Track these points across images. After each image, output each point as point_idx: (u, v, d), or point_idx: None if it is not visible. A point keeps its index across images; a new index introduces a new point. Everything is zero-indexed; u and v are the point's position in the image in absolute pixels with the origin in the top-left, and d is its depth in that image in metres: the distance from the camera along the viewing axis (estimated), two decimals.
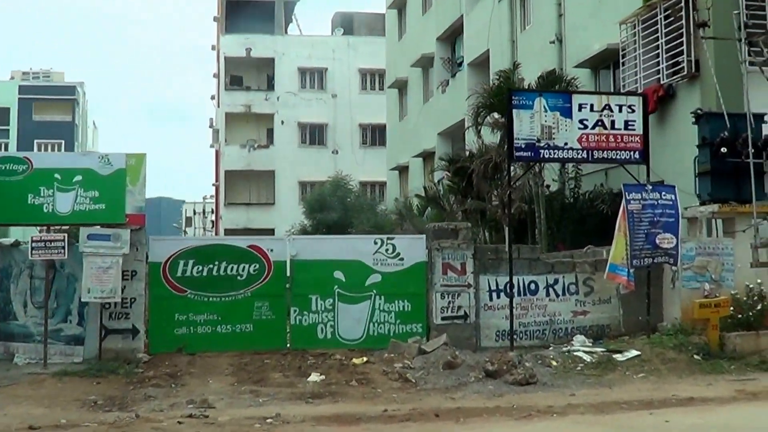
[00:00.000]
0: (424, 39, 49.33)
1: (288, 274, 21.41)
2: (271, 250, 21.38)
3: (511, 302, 21.17)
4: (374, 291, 21.45)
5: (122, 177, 20.62)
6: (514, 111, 21.11)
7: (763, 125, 22.19)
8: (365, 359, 19.77)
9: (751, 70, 21.11)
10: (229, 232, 65.45)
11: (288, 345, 21.19)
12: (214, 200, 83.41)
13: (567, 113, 21.37)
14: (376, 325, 21.48)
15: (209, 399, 16.29)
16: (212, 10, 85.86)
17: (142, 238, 20.75)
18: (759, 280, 21.04)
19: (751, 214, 21.65)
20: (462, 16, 44.25)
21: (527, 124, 21.12)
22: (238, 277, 21.13)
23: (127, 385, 17.79)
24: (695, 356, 19.67)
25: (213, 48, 78.09)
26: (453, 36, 46.75)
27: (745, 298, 20.83)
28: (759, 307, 20.61)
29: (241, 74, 72.77)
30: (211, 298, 21.03)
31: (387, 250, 21.57)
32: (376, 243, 21.71)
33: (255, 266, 21.19)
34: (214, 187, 78.69)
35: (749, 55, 20.89)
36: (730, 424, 14.39)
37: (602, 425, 14.50)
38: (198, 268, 21.05)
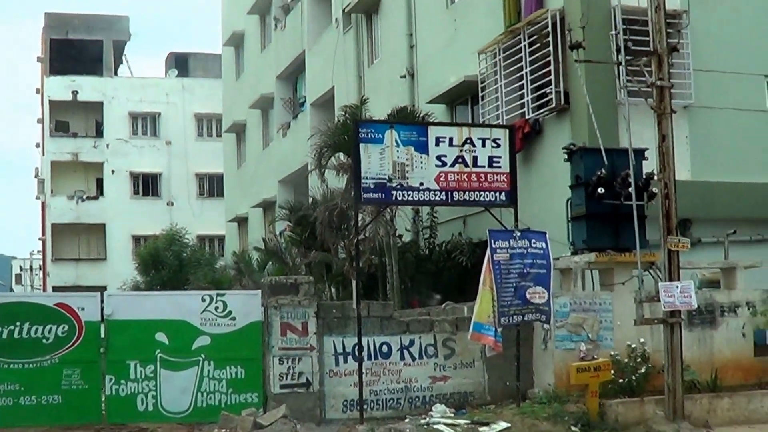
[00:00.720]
0: (264, 78, 48.23)
1: (102, 336, 19.50)
2: (82, 309, 19.36)
3: (360, 367, 19.32)
4: (202, 355, 19.53)
5: None
6: (362, 146, 19.12)
7: (644, 162, 20.40)
8: None
9: (632, 101, 19.41)
10: (57, 289, 62.67)
11: (104, 419, 19.23)
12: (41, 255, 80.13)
13: (423, 148, 19.45)
14: (204, 395, 19.50)
15: None
16: (36, 49, 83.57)
17: None
18: (642, 339, 19.59)
19: (631, 264, 20.14)
20: (304, 51, 43.12)
21: (377, 161, 19.16)
22: (44, 341, 19.08)
23: None
24: (573, 428, 17.99)
25: (37, 91, 75.30)
26: (294, 74, 45.70)
27: (626, 360, 19.35)
28: (642, 370, 19.19)
29: (67, 119, 71.01)
30: (12, 365, 18.89)
31: (217, 308, 19.64)
32: (204, 300, 19.76)
33: (64, 327, 19.18)
34: (41, 242, 76.59)
35: (628, 82, 19.12)
36: None
37: None
38: None
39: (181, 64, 73.31)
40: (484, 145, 19.86)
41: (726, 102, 24.75)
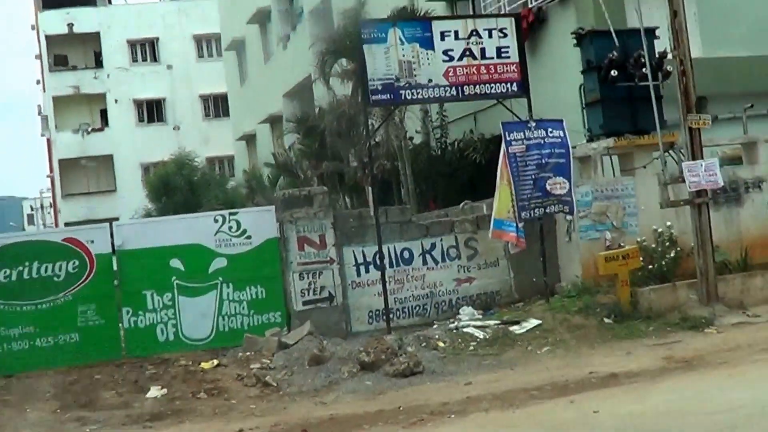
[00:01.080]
0: None
1: (115, 268, 19.01)
2: (92, 242, 18.82)
3: (383, 276, 18.87)
4: (220, 278, 19.09)
5: None
6: (366, 47, 18.48)
7: (655, 42, 19.62)
8: (216, 362, 17.54)
9: None
10: (70, 225, 61.69)
11: (124, 353, 18.77)
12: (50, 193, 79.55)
13: (428, 44, 18.82)
14: (226, 318, 19.13)
15: None
16: None
17: None
18: (668, 223, 19.00)
19: (650, 146, 19.58)
20: None
21: (382, 62, 18.53)
22: (55, 278, 18.59)
23: None
24: (606, 320, 17.51)
25: (33, 28, 74.10)
26: None
27: (654, 245, 18.78)
28: (672, 254, 18.68)
29: (65, 53, 69.74)
30: (24, 307, 18.46)
31: (231, 228, 19.17)
32: (216, 221, 19.27)
33: (74, 263, 18.66)
34: (49, 179, 75.71)
35: None
36: (676, 408, 11.64)
37: (516, 427, 11.70)
38: (5, 272, 18.46)
39: None
40: (490, 36, 19.21)
41: None
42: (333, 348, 17.00)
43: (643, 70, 18.92)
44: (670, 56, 18.75)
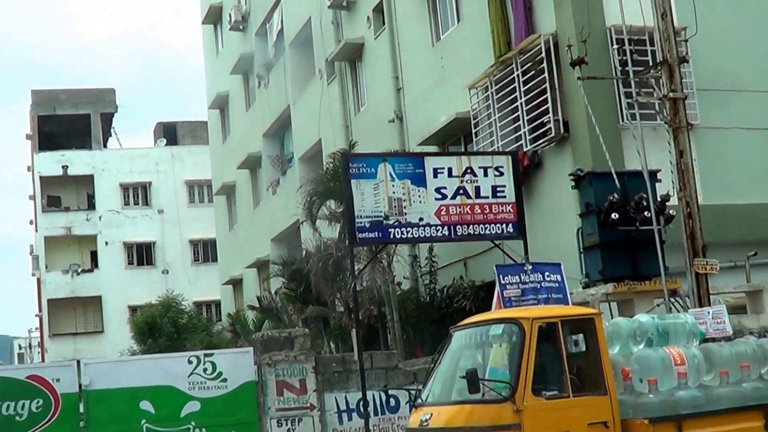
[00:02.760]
0: (250, 137, 46.62)
1: (82, 409, 17.81)
2: (58, 380, 17.85)
3: (366, 424, 17.54)
4: (193, 423, 17.99)
5: None
6: (353, 182, 17.34)
7: (658, 184, 18.40)
8: None
9: (636, 124, 17.57)
10: None
11: None
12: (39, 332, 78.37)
13: (420, 181, 17.71)
14: None
15: None
16: (24, 127, 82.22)
17: None
18: None
19: (651, 293, 18.29)
20: (288, 106, 41.42)
21: (371, 198, 17.39)
22: (17, 418, 17.64)
23: None
24: None
25: (28, 169, 73.70)
26: (281, 130, 43.99)
27: None
28: None
29: (59, 194, 69.54)
30: None
31: (205, 369, 18.04)
32: (190, 362, 18.23)
33: (38, 402, 17.69)
34: (38, 318, 74.34)
35: (638, 95, 17.21)
36: None
37: None
38: None
39: (169, 133, 71.97)
40: (486, 175, 18.13)
41: (732, 121, 22.86)
42: None
43: (645, 213, 17.67)
44: (672, 200, 17.62)
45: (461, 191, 17.87)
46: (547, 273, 17.45)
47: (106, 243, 67.46)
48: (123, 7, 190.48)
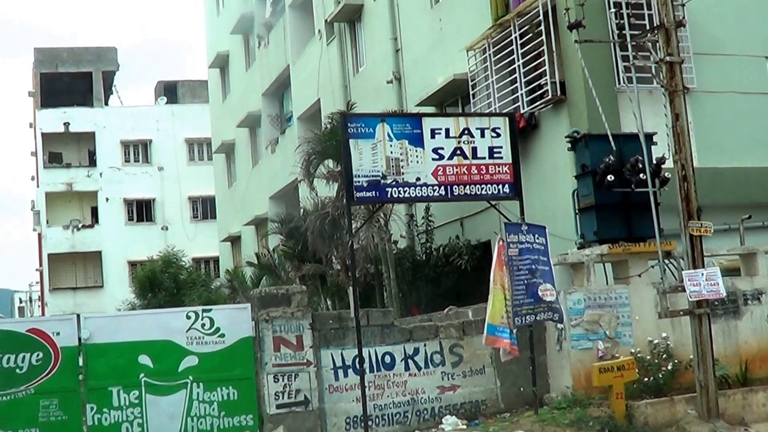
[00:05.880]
0: (250, 96, 46.25)
1: (81, 362, 17.31)
2: (57, 334, 17.18)
3: (362, 380, 17.09)
4: (190, 377, 17.35)
5: None
6: (352, 141, 16.95)
7: (653, 147, 18.20)
8: None
9: (632, 87, 17.37)
10: None
11: None
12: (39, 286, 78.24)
13: (418, 141, 17.29)
14: (195, 419, 17.25)
15: None
16: (27, 84, 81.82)
17: None
18: (664, 334, 17.43)
19: (646, 254, 18.09)
20: (288, 66, 41.00)
21: (369, 157, 17.01)
22: (18, 370, 16.93)
23: None
24: None
25: (30, 125, 73.42)
26: (280, 90, 43.58)
27: (649, 357, 17.23)
28: (669, 367, 17.08)
29: (60, 151, 69.42)
30: None
31: (203, 325, 17.44)
32: (189, 317, 17.55)
33: (38, 355, 17.02)
34: (38, 273, 74.29)
35: (635, 59, 16.98)
36: None
37: None
38: None
39: (170, 91, 71.58)
40: (483, 136, 17.70)
41: (727, 85, 22.75)
42: None
43: (641, 175, 17.49)
44: (667, 163, 17.48)
45: (458, 152, 17.46)
46: (536, 235, 17.24)
47: (107, 199, 67.43)
48: None
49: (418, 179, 17.31)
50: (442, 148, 17.45)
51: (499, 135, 17.78)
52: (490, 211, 19.37)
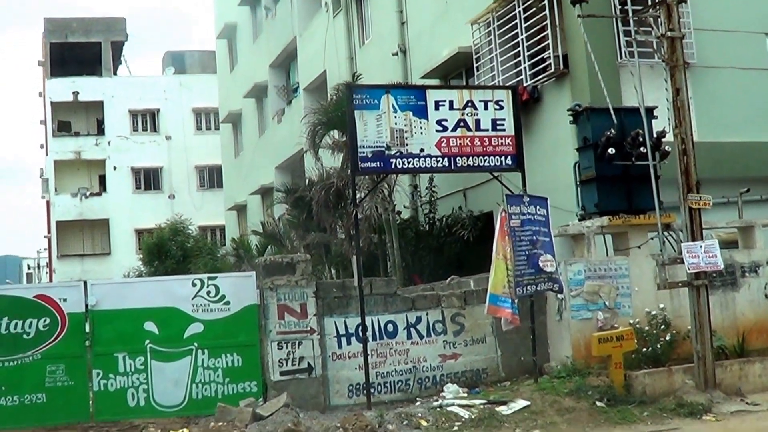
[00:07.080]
0: (257, 67, 45.88)
1: (87, 328, 17.35)
2: (64, 300, 17.31)
3: (365, 348, 17.16)
4: (195, 344, 17.45)
5: None
6: (357, 112, 16.94)
7: (654, 121, 18.17)
8: (186, 431, 15.98)
9: (634, 61, 17.31)
10: None
11: (92, 417, 17.15)
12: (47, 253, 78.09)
13: (422, 113, 17.27)
14: (199, 386, 17.44)
15: None
16: (37, 54, 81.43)
17: None
18: (662, 305, 17.44)
19: (646, 226, 18.22)
20: (295, 38, 40.73)
21: (373, 128, 16.98)
22: (25, 336, 17.08)
23: None
24: (598, 403, 15.90)
25: (40, 94, 73.19)
26: (287, 61, 43.32)
27: (647, 328, 17.22)
28: (667, 337, 17.10)
29: (69, 119, 68.72)
30: None
31: (209, 292, 17.53)
32: (194, 285, 17.63)
33: (45, 321, 17.17)
34: (47, 240, 73.65)
35: (637, 34, 16.94)
36: None
37: None
38: None
39: (177, 61, 70.94)
40: (486, 108, 17.69)
41: (727, 61, 22.61)
42: (309, 422, 15.42)
43: (641, 149, 17.49)
44: (668, 137, 17.44)
45: (462, 123, 17.43)
46: (537, 206, 17.25)
47: (115, 168, 66.90)
48: None
49: (421, 150, 17.29)
50: (446, 120, 17.44)
51: (502, 108, 17.76)
52: (493, 182, 19.32)
